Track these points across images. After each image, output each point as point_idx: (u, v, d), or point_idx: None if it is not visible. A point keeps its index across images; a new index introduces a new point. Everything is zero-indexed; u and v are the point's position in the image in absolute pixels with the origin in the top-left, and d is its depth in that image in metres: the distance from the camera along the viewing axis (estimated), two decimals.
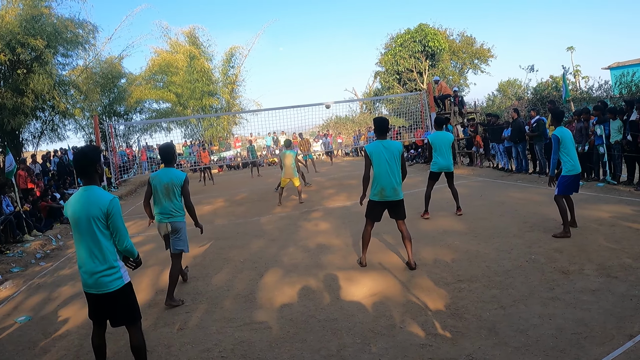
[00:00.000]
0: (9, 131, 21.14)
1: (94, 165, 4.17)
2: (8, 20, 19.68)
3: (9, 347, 5.73)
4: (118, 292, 4.16)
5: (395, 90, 43.96)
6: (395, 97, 35.76)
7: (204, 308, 6.30)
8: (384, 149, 6.89)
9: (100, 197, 4.08)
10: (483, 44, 47.73)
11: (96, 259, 4.09)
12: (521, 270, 6.35)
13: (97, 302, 4.22)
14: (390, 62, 44.33)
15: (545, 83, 33.57)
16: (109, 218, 4.07)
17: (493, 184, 14.34)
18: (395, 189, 6.89)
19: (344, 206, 12.93)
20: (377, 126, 7.12)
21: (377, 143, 7.00)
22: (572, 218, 8.21)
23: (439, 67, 43.40)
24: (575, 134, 13.57)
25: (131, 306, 4.32)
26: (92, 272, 4.09)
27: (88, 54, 27.67)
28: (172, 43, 36.35)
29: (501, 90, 46.65)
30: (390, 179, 6.85)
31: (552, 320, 4.76)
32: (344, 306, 5.79)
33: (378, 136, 7.12)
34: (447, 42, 44.49)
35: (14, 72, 20.69)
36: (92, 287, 4.14)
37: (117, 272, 4.17)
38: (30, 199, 14.62)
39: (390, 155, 6.86)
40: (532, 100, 29.51)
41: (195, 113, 34.92)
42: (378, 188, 6.92)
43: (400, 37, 44.06)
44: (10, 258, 10.55)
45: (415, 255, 7.37)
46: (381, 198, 6.96)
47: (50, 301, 7.43)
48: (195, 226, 7.06)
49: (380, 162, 6.86)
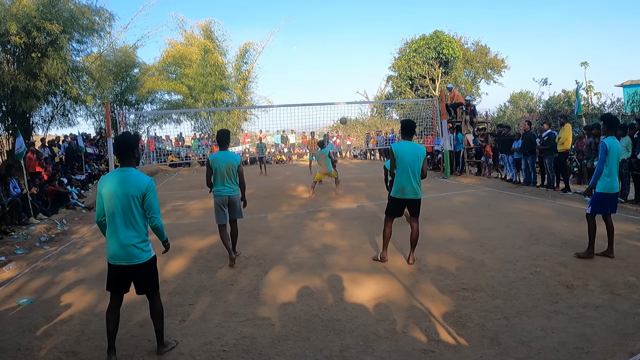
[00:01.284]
0: (20, 114, 21.36)
1: (132, 149, 4.66)
2: (25, 4, 19.84)
3: (10, 329, 5.77)
4: (146, 264, 4.61)
5: (407, 95, 43.89)
6: (407, 102, 35.75)
7: (207, 301, 6.33)
8: (410, 149, 7.22)
9: (139, 178, 4.54)
10: (497, 54, 47.62)
11: (131, 231, 4.51)
12: (525, 282, 6.36)
13: (124, 272, 4.58)
14: (404, 67, 44.27)
15: (558, 97, 33.50)
16: (146, 197, 4.52)
17: (500, 195, 14.33)
18: (415, 188, 7.22)
19: (350, 208, 12.96)
20: (403, 127, 7.63)
21: (404, 143, 7.38)
22: (610, 245, 7.41)
23: (452, 74, 43.31)
24: (585, 149, 13.59)
25: (155, 277, 4.79)
26: (127, 244, 4.50)
27: (103, 42, 28.01)
28: (187, 35, 36.41)
29: (513, 101, 46.51)
30: (411, 179, 7.17)
31: (554, 333, 4.78)
32: (348, 307, 5.81)
33: (404, 137, 7.52)
34: (461, 50, 44.39)
35: (28, 56, 20.85)
36: (123, 258, 4.52)
37: (148, 245, 4.64)
38: (37, 182, 14.71)
39: (414, 157, 7.17)
40: (543, 114, 29.45)
41: (206, 107, 34.93)
42: (400, 186, 7.26)
43: (414, 43, 43.98)
44: (14, 240, 10.61)
45: (420, 262, 7.44)
46: (402, 196, 7.27)
47: (53, 285, 7.47)
48: (241, 199, 8.10)
49: (404, 161, 7.17)
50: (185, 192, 18.78)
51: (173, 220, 12.59)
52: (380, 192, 15.48)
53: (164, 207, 14.94)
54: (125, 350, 4.94)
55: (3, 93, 20.59)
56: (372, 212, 12.14)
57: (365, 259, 7.90)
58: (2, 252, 9.67)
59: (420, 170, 7.23)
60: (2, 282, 7.86)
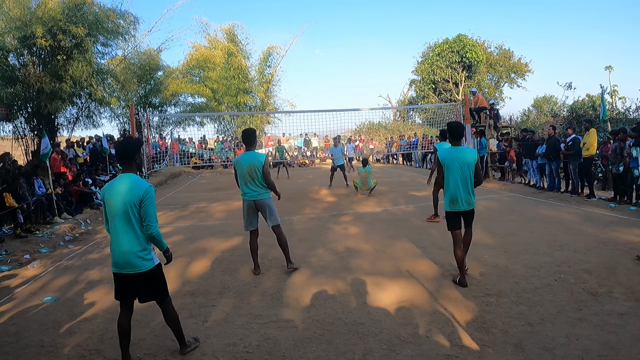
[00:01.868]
0: (45, 115, 21.67)
1: (133, 154, 4.58)
2: (51, 7, 20.19)
3: (34, 325, 5.88)
4: (149, 273, 4.50)
5: (430, 99, 43.88)
6: (430, 106, 35.69)
7: (231, 303, 6.39)
8: (458, 156, 6.54)
9: (137, 184, 4.41)
10: (521, 58, 47.48)
11: (131, 239, 4.42)
12: (549, 288, 6.34)
13: (127, 281, 4.51)
14: (427, 71, 44.28)
15: (582, 101, 33.22)
16: (142, 203, 4.38)
17: (524, 200, 14.24)
18: (468, 199, 6.57)
19: (374, 212, 12.97)
20: (451, 131, 6.76)
21: (451, 150, 6.66)
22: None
23: (475, 78, 43.22)
24: (611, 154, 13.44)
25: (161, 285, 4.68)
26: (127, 252, 4.40)
27: (127, 45, 28.26)
28: (210, 39, 36.57)
29: (537, 106, 46.13)
30: (461, 189, 6.52)
31: (578, 340, 4.77)
32: (371, 311, 5.84)
33: (452, 142, 6.74)
34: (484, 54, 44.30)
35: (54, 58, 21.21)
36: (124, 267, 4.45)
37: (149, 254, 4.51)
38: (62, 182, 14.92)
39: (464, 164, 6.50)
40: (567, 118, 29.21)
41: (229, 109, 35.10)
42: (450, 198, 6.64)
43: (438, 47, 43.98)
44: (39, 238, 10.78)
45: (444, 266, 7.43)
46: (453, 208, 6.64)
47: (77, 283, 7.59)
48: (275, 194, 7.73)
49: (453, 170, 6.55)
50: (209, 194, 18.90)
51: (196, 221, 12.70)
52: (404, 196, 15.51)
53: (187, 208, 15.10)
54: (148, 349, 5.02)
55: (29, 94, 20.93)
56: (396, 216, 12.15)
57: (389, 263, 7.91)
58: (26, 250, 9.86)
59: (472, 178, 6.58)
60: (26, 279, 8.01)
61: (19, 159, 22.18)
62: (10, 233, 11.14)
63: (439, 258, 7.76)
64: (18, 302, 6.86)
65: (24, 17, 19.65)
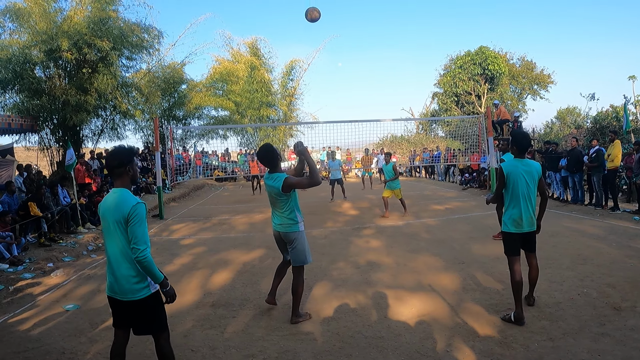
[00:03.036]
0: (70, 126, 22.09)
1: (124, 166, 4.03)
2: (76, 21, 20.60)
3: (55, 332, 6.01)
4: (143, 302, 3.98)
5: (453, 112, 43.74)
6: (453, 119, 35.57)
7: (251, 314, 6.44)
8: (524, 170, 5.88)
9: (125, 201, 3.90)
10: (543, 69, 47.13)
11: (124, 262, 3.92)
12: (572, 303, 6.28)
13: (120, 308, 4.06)
14: (449, 84, 44.17)
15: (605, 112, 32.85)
16: (129, 222, 3.82)
17: (547, 214, 13.93)
18: (531, 217, 5.92)
19: (396, 225, 12.95)
20: (517, 143, 6.00)
21: (516, 162, 5.94)
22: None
23: (497, 91, 43.00)
24: (635, 165, 13.29)
25: (157, 316, 4.11)
26: (120, 276, 3.92)
27: (151, 58, 28.62)
28: (233, 53, 36.93)
29: (560, 117, 45.69)
30: (527, 206, 5.86)
31: (600, 356, 4.71)
32: (391, 325, 5.83)
33: (517, 155, 6.01)
34: (507, 66, 44.07)
35: (79, 71, 21.56)
36: (117, 292, 3.97)
37: (144, 281, 3.97)
38: (86, 193, 15.17)
39: (530, 178, 5.88)
40: (591, 130, 28.92)
41: (252, 122, 35.30)
42: (514, 217, 5.90)
43: (460, 59, 43.87)
44: (62, 247, 11.06)
45: (465, 280, 7.38)
46: (517, 229, 5.90)
47: (99, 293, 7.69)
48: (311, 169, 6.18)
49: (518, 186, 5.86)
50: (231, 207, 19.06)
51: (218, 233, 12.82)
52: (426, 209, 15.46)
53: (210, 220, 15.19)
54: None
55: (55, 106, 21.30)
56: (418, 229, 12.10)
57: (410, 276, 7.89)
58: (50, 258, 10.09)
59: (535, 195, 5.98)
60: (49, 287, 8.20)
61: (44, 169, 22.67)
62: (34, 241, 11.41)
63: (460, 272, 7.73)
64: (41, 309, 7.03)
65: (50, 30, 20.09)
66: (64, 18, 21.00)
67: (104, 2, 21.60)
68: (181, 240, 11.90)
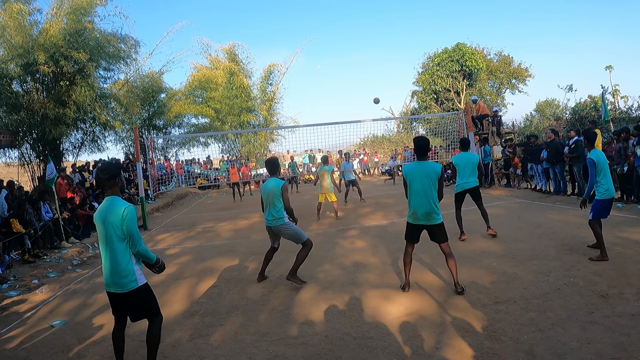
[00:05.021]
0: (50, 140, 21.84)
1: (114, 179, 4.74)
2: (52, 34, 20.35)
3: (43, 350, 5.93)
4: (134, 293, 4.66)
5: (433, 109, 43.90)
6: (433, 116, 35.65)
7: (239, 321, 6.38)
8: (420, 170, 6.62)
9: (118, 206, 4.59)
10: (521, 63, 47.45)
11: (115, 260, 4.60)
12: (559, 293, 6.29)
13: (116, 299, 4.74)
14: (428, 82, 44.33)
15: (584, 103, 33.15)
16: (124, 224, 4.54)
17: (531, 206, 14.20)
18: (428, 213, 6.64)
19: (381, 225, 12.95)
20: (416, 146, 6.78)
21: (414, 164, 6.75)
22: None
23: (476, 86, 43.22)
24: (615, 154, 13.37)
25: (147, 305, 4.81)
26: (113, 272, 4.61)
27: (129, 68, 28.52)
28: (212, 59, 36.95)
29: (539, 110, 46.04)
30: (422, 202, 6.62)
31: (590, 344, 4.72)
32: (380, 325, 5.81)
33: (418, 157, 6.79)
34: (484, 61, 44.31)
35: (57, 84, 21.33)
36: (111, 286, 4.66)
37: (132, 275, 4.65)
38: (69, 207, 15.02)
39: (425, 178, 6.57)
40: (570, 121, 29.17)
41: (233, 129, 35.24)
42: (411, 211, 6.85)
43: (437, 57, 44.04)
44: (47, 263, 10.93)
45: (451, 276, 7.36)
46: (414, 221, 6.85)
47: (86, 307, 7.63)
48: (292, 218, 7.93)
49: (414, 184, 6.67)
50: (215, 214, 18.98)
51: (203, 241, 12.72)
52: None
53: (194, 229, 15.11)
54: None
55: (34, 121, 21.12)
56: (403, 228, 11.99)
57: (397, 275, 7.87)
58: (35, 275, 9.98)
59: (435, 192, 6.63)
60: (35, 304, 8.08)
61: (26, 185, 22.46)
62: (18, 259, 11.25)
63: (446, 268, 7.70)
64: (27, 327, 6.93)
65: (26, 44, 19.82)
66: (39, 31, 20.78)
67: (80, 14, 21.41)
68: (166, 250, 11.79)
